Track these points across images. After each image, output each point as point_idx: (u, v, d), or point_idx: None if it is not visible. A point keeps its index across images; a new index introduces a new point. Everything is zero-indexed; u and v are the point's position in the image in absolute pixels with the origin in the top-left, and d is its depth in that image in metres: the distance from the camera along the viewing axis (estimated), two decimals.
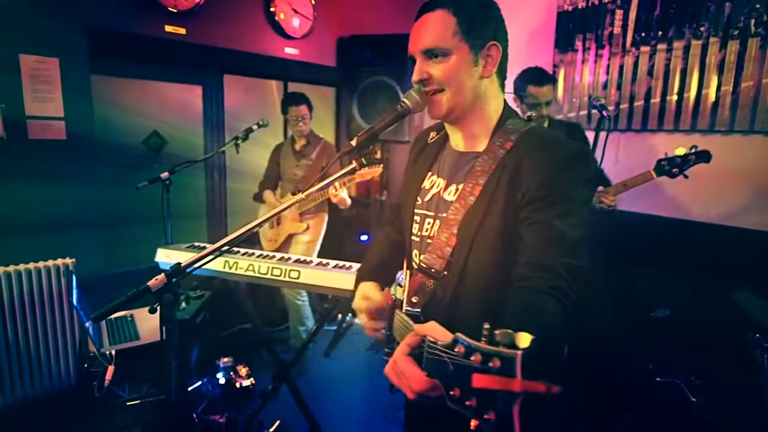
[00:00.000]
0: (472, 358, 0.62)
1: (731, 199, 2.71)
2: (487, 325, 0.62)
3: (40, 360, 2.48)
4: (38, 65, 2.48)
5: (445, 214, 1.10)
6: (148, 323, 2.46)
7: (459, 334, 0.67)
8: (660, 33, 2.88)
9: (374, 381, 3.18)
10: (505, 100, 1.15)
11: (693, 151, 2.27)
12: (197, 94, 3.48)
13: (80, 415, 2.44)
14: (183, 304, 3.16)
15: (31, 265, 2.43)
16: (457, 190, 1.10)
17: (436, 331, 0.75)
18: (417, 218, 1.20)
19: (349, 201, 2.97)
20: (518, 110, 1.37)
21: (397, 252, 1.34)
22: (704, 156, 2.26)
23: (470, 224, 1.04)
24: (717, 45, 2.68)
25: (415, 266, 1.18)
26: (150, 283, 1.17)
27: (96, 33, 2.71)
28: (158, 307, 1.19)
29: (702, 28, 2.72)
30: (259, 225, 1.29)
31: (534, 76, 2.43)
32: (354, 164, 1.22)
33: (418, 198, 1.21)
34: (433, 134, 1.30)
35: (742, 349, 1.98)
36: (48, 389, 2.51)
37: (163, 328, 1.24)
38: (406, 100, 1.12)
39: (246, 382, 2.84)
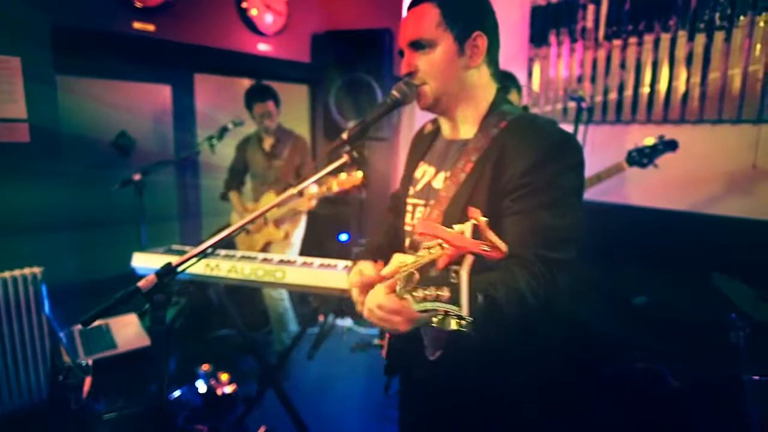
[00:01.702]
0: (433, 251, 0.68)
1: (702, 186, 2.80)
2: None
3: (8, 375, 2.34)
4: None
5: (434, 200, 1.12)
6: (125, 331, 2.36)
7: (424, 243, 0.73)
8: (630, 27, 2.95)
9: (360, 381, 3.14)
10: (498, 89, 1.15)
11: (660, 140, 2.39)
12: (167, 93, 3.38)
13: (54, 430, 2.33)
14: None
15: None
16: (445, 177, 1.12)
17: (408, 258, 0.80)
18: (409, 207, 1.22)
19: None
20: None
21: (397, 237, 1.34)
22: (671, 145, 2.38)
23: (458, 203, 1.05)
24: (685, 38, 2.76)
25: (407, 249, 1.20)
26: (140, 283, 1.13)
27: (60, 30, 2.57)
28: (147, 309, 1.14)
29: (671, 22, 2.79)
30: (254, 220, 1.26)
31: None
32: (345, 158, 1.21)
33: (411, 188, 1.23)
34: (429, 126, 1.33)
35: (721, 331, 2.04)
36: (18, 405, 2.38)
37: (149, 330, 1.20)
38: (396, 92, 1.14)
39: (228, 389, 2.78)
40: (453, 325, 0.62)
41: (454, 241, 0.60)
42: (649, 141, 2.39)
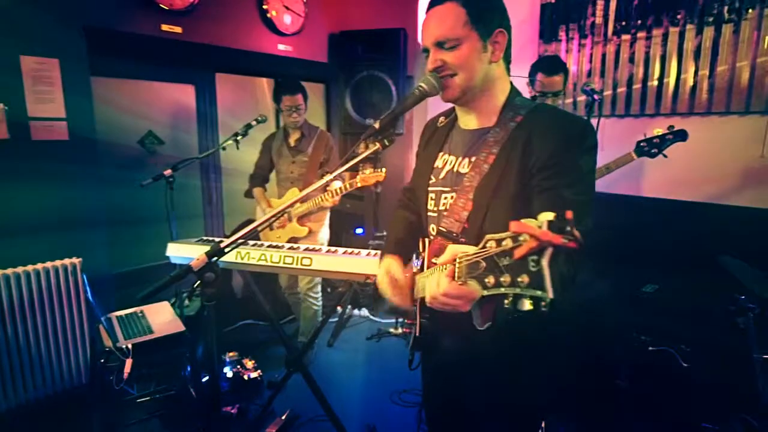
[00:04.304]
0: (503, 243, 0.74)
1: (710, 177, 2.86)
2: (513, 222, 0.73)
3: (51, 359, 2.49)
4: (39, 66, 2.48)
5: (460, 186, 1.19)
6: (159, 318, 2.49)
7: (487, 236, 0.78)
8: (639, 21, 3.03)
9: (377, 367, 3.27)
10: (511, 82, 1.25)
11: (670, 130, 2.36)
12: (190, 93, 3.51)
13: (94, 413, 2.47)
14: (186, 301, 3.20)
15: (39, 266, 2.44)
16: (470, 162, 1.19)
17: (464, 247, 0.88)
18: (432, 195, 1.29)
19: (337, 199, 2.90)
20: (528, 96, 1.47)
21: (414, 230, 1.43)
22: (681, 135, 2.36)
23: (486, 190, 1.14)
24: (693, 32, 2.83)
25: (433, 235, 1.27)
26: (192, 263, 1.22)
27: (94, 33, 2.71)
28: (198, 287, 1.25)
29: (679, 16, 2.87)
30: (283, 212, 1.35)
31: (544, 65, 2.49)
32: (377, 146, 1.31)
33: (432, 177, 1.30)
34: (442, 119, 1.40)
35: (729, 316, 2.11)
36: (60, 388, 2.52)
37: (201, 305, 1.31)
38: (423, 84, 1.21)
39: (253, 375, 2.91)
40: (527, 305, 0.71)
41: (541, 236, 0.67)
42: (658, 131, 2.39)
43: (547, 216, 0.68)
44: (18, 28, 2.43)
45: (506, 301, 0.73)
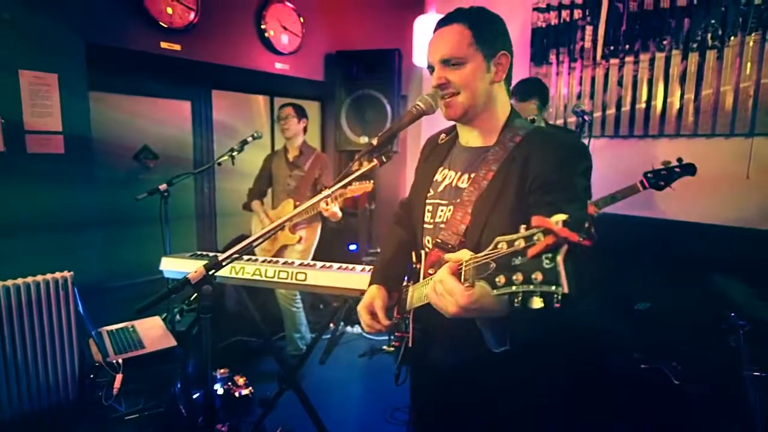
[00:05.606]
0: (515, 244, 0.74)
1: (698, 197, 2.91)
2: (523, 226, 0.74)
3: (38, 373, 2.44)
4: (37, 80, 2.51)
5: (458, 200, 1.22)
6: (151, 332, 2.47)
7: (497, 237, 0.79)
8: (627, 46, 3.13)
9: (370, 385, 3.24)
10: (511, 104, 1.29)
11: (678, 163, 2.34)
12: (186, 108, 3.55)
13: (80, 429, 2.42)
14: (178, 317, 3.17)
15: (30, 279, 2.41)
16: (470, 178, 1.22)
17: (470, 253, 0.89)
18: (429, 207, 1.32)
19: (340, 214, 2.98)
20: None
21: (406, 250, 1.45)
22: (689, 169, 2.35)
23: (485, 204, 1.16)
24: (679, 57, 2.93)
25: (429, 249, 1.29)
26: (189, 275, 1.23)
27: (93, 49, 2.75)
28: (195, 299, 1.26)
29: (665, 42, 2.97)
30: (289, 219, 1.37)
31: (517, 91, 2.49)
32: (375, 162, 1.34)
33: (431, 189, 1.33)
34: (443, 136, 1.44)
35: (720, 334, 2.14)
36: (46, 403, 2.47)
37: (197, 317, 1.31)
38: (420, 103, 1.25)
39: (245, 392, 2.86)
40: (537, 303, 0.70)
41: (560, 232, 0.67)
42: (667, 162, 2.35)
43: (561, 216, 0.69)
44: (18, 43, 2.46)
45: (516, 300, 0.73)
